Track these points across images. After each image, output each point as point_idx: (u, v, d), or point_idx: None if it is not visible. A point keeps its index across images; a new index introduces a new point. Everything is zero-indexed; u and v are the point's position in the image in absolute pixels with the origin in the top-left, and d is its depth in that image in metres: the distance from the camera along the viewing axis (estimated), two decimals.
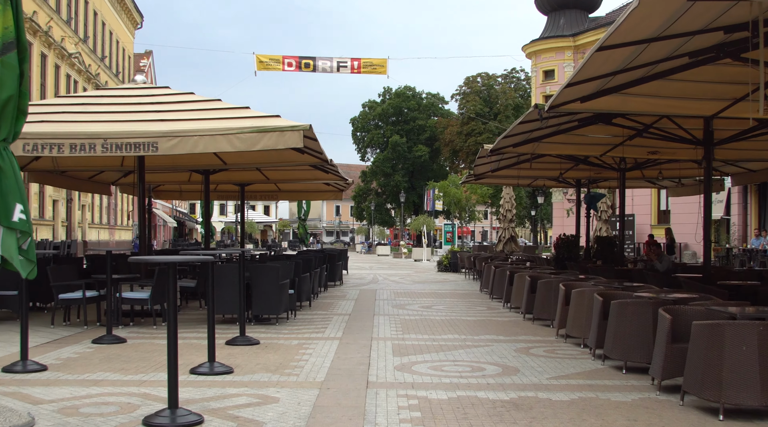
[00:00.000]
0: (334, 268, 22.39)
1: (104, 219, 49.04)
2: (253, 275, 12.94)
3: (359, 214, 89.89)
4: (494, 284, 18.51)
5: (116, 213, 52.71)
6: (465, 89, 73.31)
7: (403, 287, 22.79)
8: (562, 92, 10.42)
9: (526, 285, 14.31)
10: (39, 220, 35.62)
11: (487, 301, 18.27)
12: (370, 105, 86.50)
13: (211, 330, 8.58)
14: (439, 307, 16.71)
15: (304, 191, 26.92)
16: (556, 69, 43.80)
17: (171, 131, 11.72)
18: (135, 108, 13.29)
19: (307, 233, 38.67)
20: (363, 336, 11.65)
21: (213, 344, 8.59)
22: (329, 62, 41.09)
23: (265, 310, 12.95)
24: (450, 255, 32.63)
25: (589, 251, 22.96)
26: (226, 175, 21.37)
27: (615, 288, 10.97)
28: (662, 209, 38.32)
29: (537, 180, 24.70)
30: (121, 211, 54.60)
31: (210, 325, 8.59)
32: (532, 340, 11.53)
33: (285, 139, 11.71)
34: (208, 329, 8.59)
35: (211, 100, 13.99)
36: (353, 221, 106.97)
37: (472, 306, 16.96)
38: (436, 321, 13.83)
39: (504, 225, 29.02)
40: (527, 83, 73.44)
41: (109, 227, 50.47)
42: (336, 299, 18.19)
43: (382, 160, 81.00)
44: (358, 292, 20.69)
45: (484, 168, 21.14)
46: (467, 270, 28.67)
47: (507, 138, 15.40)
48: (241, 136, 11.67)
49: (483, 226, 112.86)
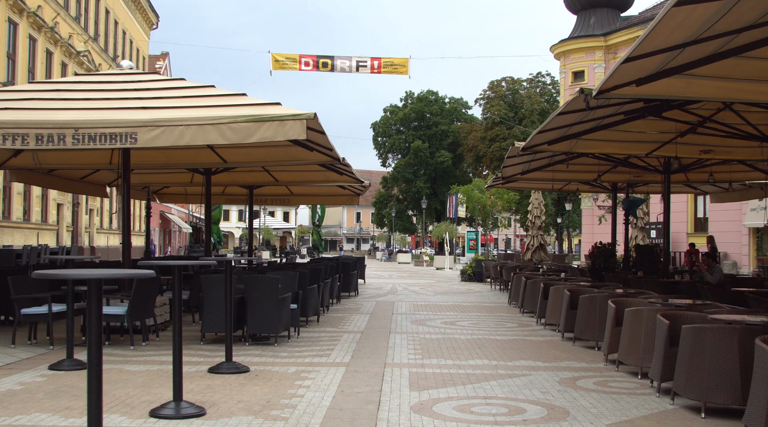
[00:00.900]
0: (349, 277, 20.58)
1: (114, 224, 47.49)
2: (248, 288, 11.17)
3: (380, 221, 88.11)
4: (525, 296, 16.62)
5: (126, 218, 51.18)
6: (489, 94, 71.28)
7: (423, 299, 20.93)
8: (618, 70, 8.55)
9: (564, 300, 12.41)
10: (41, 224, 34.13)
11: (517, 316, 16.38)
12: (391, 110, 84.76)
13: (177, 360, 6.76)
14: (464, 323, 14.85)
15: (317, 195, 25.12)
16: (586, 70, 41.79)
17: (153, 120, 10.01)
18: (116, 95, 11.56)
19: (322, 240, 36.70)
20: (375, 361, 9.81)
21: (180, 378, 6.77)
22: (348, 62, 39.33)
23: (261, 328, 11.16)
24: (474, 264, 30.73)
25: (627, 260, 21.00)
26: (230, 177, 19.65)
27: (680, 308, 9.07)
28: (699, 216, 36.22)
29: (569, 184, 22.79)
30: (132, 215, 53.07)
31: (176, 353, 6.78)
32: (577, 367, 9.64)
33: (285, 130, 9.95)
34: (174, 359, 6.78)
35: (203, 86, 12.26)
36: (374, 228, 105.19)
37: (501, 322, 15.08)
38: (462, 341, 11.96)
39: (532, 233, 27.11)
40: (553, 88, 71.53)
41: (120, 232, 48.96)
42: (348, 313, 16.37)
43: (403, 165, 79.21)
44: (374, 304, 18.86)
45: (513, 170, 19.26)
46: (493, 280, 26.78)
47: (542, 133, 13.55)
48: (234, 126, 9.93)
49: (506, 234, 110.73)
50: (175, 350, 6.71)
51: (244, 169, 18.75)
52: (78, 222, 40.34)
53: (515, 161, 17.74)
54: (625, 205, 20.78)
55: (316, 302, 13.97)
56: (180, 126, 9.95)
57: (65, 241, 36.94)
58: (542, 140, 14.29)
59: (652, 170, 17.73)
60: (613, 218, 22.84)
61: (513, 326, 14.47)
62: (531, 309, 16.21)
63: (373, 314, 16.35)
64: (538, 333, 13.27)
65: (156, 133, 9.92)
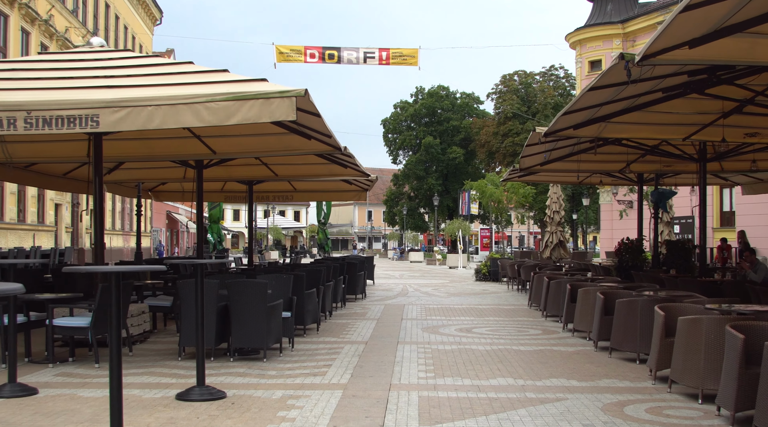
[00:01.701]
0: (355, 279, 19.01)
1: (117, 225, 46.07)
2: (232, 295, 9.64)
3: (391, 219, 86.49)
4: (548, 299, 15.03)
5: (131, 218, 49.75)
6: (501, 88, 69.52)
7: (436, 301, 19.36)
8: (671, 27, 6.98)
9: (597, 305, 10.82)
10: (38, 225, 32.77)
11: (539, 320, 14.80)
12: (401, 106, 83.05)
13: (115, 397, 5.20)
14: (482, 329, 13.28)
15: (322, 191, 23.54)
16: (603, 59, 40.00)
17: (117, 100, 8.48)
18: (81, 74, 10.06)
19: (328, 239, 35.02)
20: (378, 382, 8.26)
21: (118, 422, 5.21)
22: (355, 53, 37.72)
23: (248, 341, 9.63)
24: (489, 262, 29.11)
25: (657, 257, 19.37)
26: (226, 171, 18.15)
27: (749, 317, 7.48)
28: (725, 210, 34.46)
29: (592, 176, 21.15)
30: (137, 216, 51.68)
31: (113, 384, 5.22)
32: (621, 388, 8.06)
33: (271, 110, 8.40)
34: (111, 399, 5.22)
35: (181, 62, 10.74)
36: (385, 227, 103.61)
37: (522, 328, 13.51)
38: (480, 354, 10.39)
39: (551, 229, 25.46)
40: (567, 81, 69.90)
41: (124, 233, 47.56)
42: (353, 319, 14.82)
43: (414, 162, 77.54)
44: (383, 308, 17.31)
45: (532, 160, 17.65)
46: (510, 280, 25.19)
47: (568, 115, 11.97)
48: (211, 106, 8.41)
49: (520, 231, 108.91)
50: (113, 386, 5.14)
51: (240, 162, 17.26)
52: (78, 223, 38.97)
53: (535, 150, 16.15)
54: (654, 197, 19.14)
55: (314, 309, 12.42)
56: (148, 106, 8.43)
57: (64, 242, 35.58)
58: (567, 124, 12.72)
59: (686, 158, 16.11)
60: (639, 212, 21.18)
61: (537, 333, 12.88)
62: (555, 313, 14.65)
63: (381, 319, 14.79)
64: (566, 342, 11.69)
65: (121, 115, 8.40)
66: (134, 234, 50.47)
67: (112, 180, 18.74)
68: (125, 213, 47.86)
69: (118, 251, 44.81)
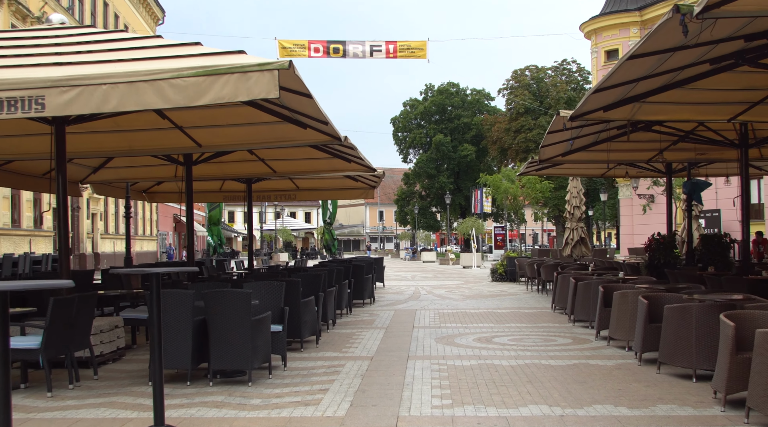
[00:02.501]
0: (362, 283, 17.46)
1: (121, 229, 44.63)
2: (210, 308, 8.15)
3: (403, 218, 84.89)
4: (576, 302, 13.48)
5: (136, 222, 48.42)
6: (513, 83, 67.80)
7: (450, 305, 17.83)
8: None
9: (641, 311, 9.27)
10: (34, 231, 31.46)
11: (567, 326, 13.26)
12: (411, 103, 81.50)
13: None
14: (503, 339, 11.74)
15: (326, 189, 22.03)
16: (620, 48, 38.31)
17: (66, 78, 7.07)
18: (31, 51, 8.63)
19: (335, 240, 33.27)
20: (383, 413, 6.73)
21: None
22: (361, 46, 36.24)
23: (229, 361, 8.13)
24: (506, 262, 27.52)
25: (692, 254, 17.78)
26: (220, 169, 16.78)
27: None
28: (753, 202, 32.75)
29: (616, 167, 19.57)
30: (142, 219, 50.34)
31: None
32: (684, 418, 6.51)
33: (249, 86, 6.94)
34: None
35: (150, 36, 9.28)
36: (397, 227, 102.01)
37: (549, 336, 11.96)
38: (505, 371, 8.86)
39: (572, 225, 23.87)
40: (579, 75, 68.26)
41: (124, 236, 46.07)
42: (359, 328, 13.31)
43: (425, 160, 75.93)
44: (392, 314, 15.79)
45: (553, 150, 16.12)
46: (528, 280, 23.63)
47: (600, 93, 10.44)
48: (177, 82, 6.99)
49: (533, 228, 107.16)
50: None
51: (234, 158, 15.86)
52: (79, 227, 37.62)
53: (556, 138, 14.62)
54: (686, 188, 17.55)
55: (313, 319, 10.90)
56: (103, 85, 7.02)
57: None
58: (597, 105, 11.21)
59: (726, 144, 14.55)
60: (669, 205, 19.61)
61: (566, 342, 11.34)
62: (585, 318, 13.11)
63: (389, 328, 13.27)
64: (602, 353, 10.15)
65: (70, 96, 6.99)
66: (139, 238, 49.22)
67: (98, 180, 17.34)
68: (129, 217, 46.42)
69: (121, 257, 43.40)
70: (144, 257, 47.41)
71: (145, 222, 51.26)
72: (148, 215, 51.87)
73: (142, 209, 50.10)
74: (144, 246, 50.37)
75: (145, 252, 49.76)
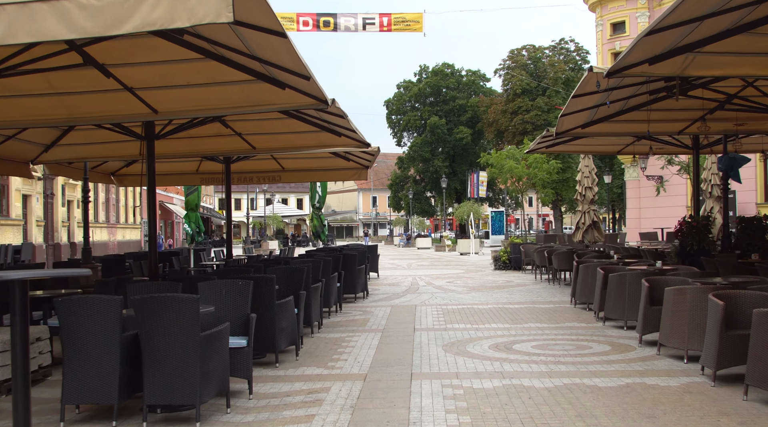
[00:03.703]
0: (354, 275, 15.30)
1: (101, 216, 42.32)
2: (142, 320, 5.99)
3: (396, 204, 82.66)
4: (608, 298, 11.33)
5: (117, 209, 46.11)
6: (509, 63, 65.55)
7: (454, 299, 15.71)
8: None
9: (715, 316, 7.12)
10: (3, 219, 29.13)
11: (596, 326, 11.13)
12: (405, 85, 79.07)
13: None
14: (525, 344, 9.61)
15: (315, 170, 19.76)
16: (627, 20, 36.09)
17: None
18: None
19: (325, 225, 30.79)
20: None
21: None
22: (353, 19, 33.95)
23: (168, 393, 5.96)
24: (510, 248, 25.36)
25: (728, 239, 15.68)
26: (192, 145, 14.62)
27: None
28: None
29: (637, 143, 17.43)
30: (125, 207, 47.99)
31: None
32: None
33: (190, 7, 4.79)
34: None
35: None
36: (390, 212, 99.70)
37: (580, 341, 9.84)
38: (541, 396, 6.72)
39: (583, 208, 21.69)
40: (578, 54, 66.15)
41: (109, 225, 43.83)
42: (350, 331, 11.16)
43: (419, 144, 73.53)
44: (389, 311, 13.66)
45: (573, 120, 13.91)
46: (536, 268, 21.54)
47: (650, 38, 8.26)
48: (88, 2, 4.84)
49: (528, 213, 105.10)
50: None
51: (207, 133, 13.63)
52: (53, 215, 35.27)
53: (581, 104, 12.42)
54: (723, 164, 15.35)
55: (291, 325, 8.73)
56: None
57: (35, 237, 31.98)
58: (643, 56, 9.04)
59: None
60: (696, 184, 17.48)
61: (604, 349, 9.22)
62: (617, 316, 11.00)
63: (386, 331, 11.13)
64: (656, 367, 8.03)
65: None
66: (122, 227, 46.95)
67: (52, 159, 15.12)
68: (110, 203, 44.10)
69: (102, 246, 41.19)
70: (127, 246, 45.19)
71: (128, 209, 48.90)
72: (131, 201, 49.49)
73: (125, 195, 47.76)
74: (127, 235, 48.10)
75: (128, 241, 47.51)
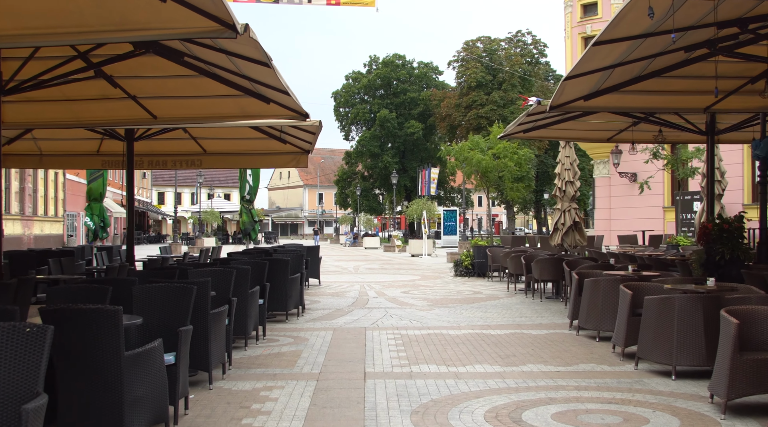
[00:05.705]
0: (285, 287, 11.55)
1: (14, 208, 37.67)
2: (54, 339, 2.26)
3: (343, 201, 79.01)
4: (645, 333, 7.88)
5: (35, 200, 41.48)
6: (464, 55, 62.47)
7: (415, 319, 12.18)
8: None
9: None
10: None
11: (626, 369, 7.68)
12: (354, 76, 75.39)
13: None
14: (541, 412, 6.09)
15: (244, 154, 16.06)
16: (599, 1, 33.14)
17: None
18: None
19: (256, 222, 26.38)
20: None
21: None
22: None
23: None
24: (473, 252, 21.93)
25: (765, 246, 12.44)
26: (68, 109, 11.02)
27: None
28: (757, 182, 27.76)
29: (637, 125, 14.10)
30: (43, 198, 43.31)
31: None
32: None
33: None
34: None
35: None
36: (337, 210, 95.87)
37: (616, 399, 6.36)
38: None
39: (563, 206, 18.31)
40: (535, 48, 63.57)
41: (23, 217, 39.17)
42: (268, 378, 7.52)
43: (368, 138, 69.80)
44: (329, 340, 10.05)
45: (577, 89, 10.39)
46: (506, 276, 18.16)
47: None
48: None
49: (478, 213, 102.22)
50: None
51: (83, 93, 10.02)
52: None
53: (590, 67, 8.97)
54: (760, 150, 12.08)
55: (157, 390, 5.06)
56: None
57: None
58: None
59: None
60: (710, 177, 14.30)
61: (658, 412, 5.76)
62: (659, 358, 7.57)
63: (323, 379, 7.52)
64: None
65: None
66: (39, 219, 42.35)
67: None
68: (25, 193, 39.43)
69: (17, 240, 36.77)
70: (45, 242, 40.64)
71: (48, 200, 44.19)
72: (52, 192, 44.80)
73: (44, 186, 43.11)
74: (45, 228, 43.44)
75: (47, 236, 42.90)
